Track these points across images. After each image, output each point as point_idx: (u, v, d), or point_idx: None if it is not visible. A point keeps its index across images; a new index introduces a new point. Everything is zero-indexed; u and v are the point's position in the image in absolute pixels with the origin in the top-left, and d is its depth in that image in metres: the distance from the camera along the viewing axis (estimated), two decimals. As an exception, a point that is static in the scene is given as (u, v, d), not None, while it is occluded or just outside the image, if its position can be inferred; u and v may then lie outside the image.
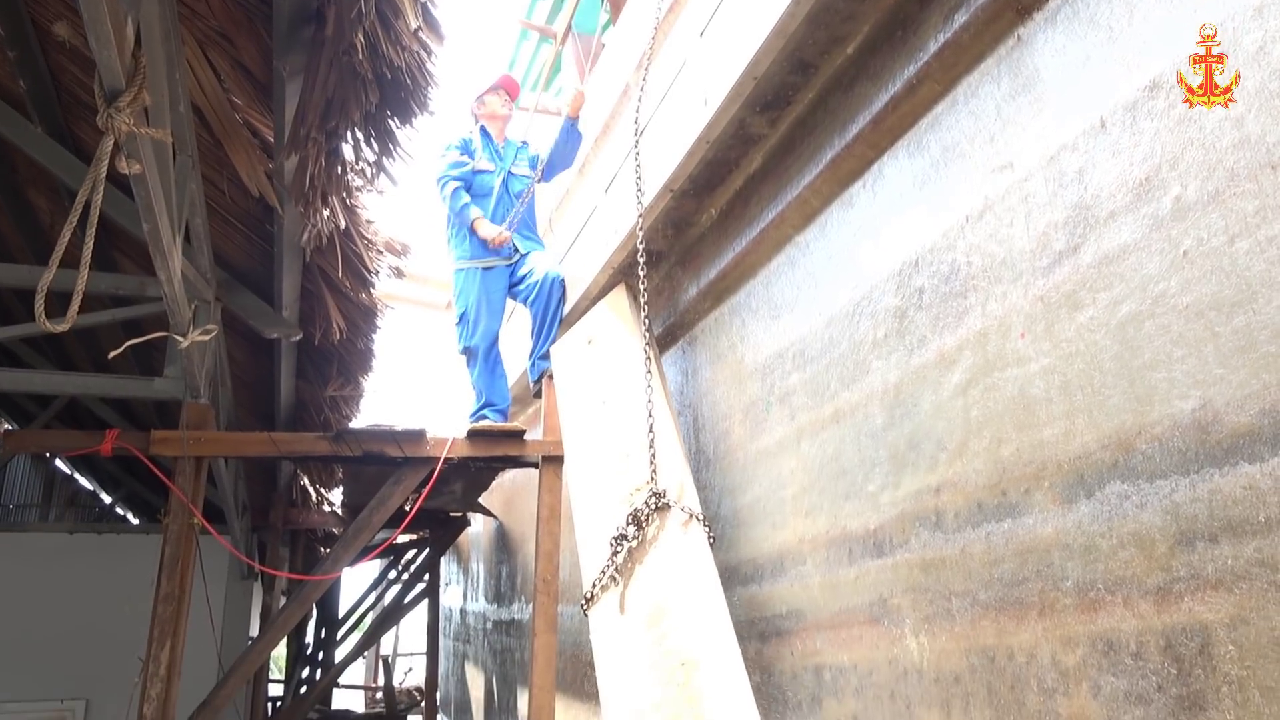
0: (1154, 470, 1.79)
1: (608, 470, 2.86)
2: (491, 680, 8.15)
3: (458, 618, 10.16)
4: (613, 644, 2.47)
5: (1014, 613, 2.12)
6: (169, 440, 4.11)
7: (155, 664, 3.88)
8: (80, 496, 11.90)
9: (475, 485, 6.08)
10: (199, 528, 4.18)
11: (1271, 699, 1.55)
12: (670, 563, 2.56)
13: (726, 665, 2.39)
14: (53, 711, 7.37)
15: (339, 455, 4.33)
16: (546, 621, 4.30)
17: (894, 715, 2.51)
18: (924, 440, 2.48)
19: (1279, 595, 1.55)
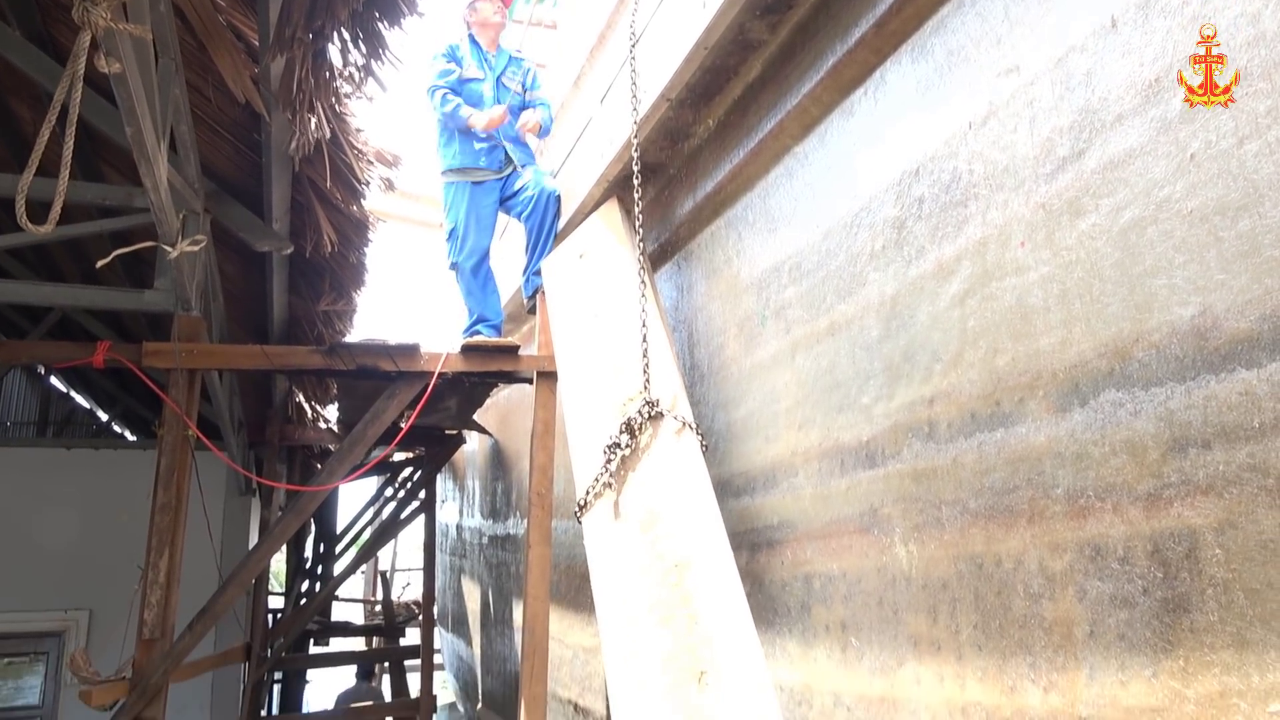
0: (1150, 378, 1.78)
1: (600, 382, 2.85)
2: (487, 593, 8.31)
3: (454, 533, 10.31)
4: (607, 548, 2.50)
5: (1003, 520, 2.14)
6: (161, 353, 4.09)
7: (154, 572, 3.93)
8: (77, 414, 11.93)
9: (470, 402, 6.09)
10: (194, 440, 4.19)
11: (1255, 600, 1.56)
12: (663, 469, 2.57)
13: (719, 567, 2.42)
14: (57, 621, 7.51)
15: (332, 369, 4.32)
16: (541, 534, 4.36)
17: (881, 621, 2.56)
18: (919, 351, 2.46)
19: (1269, 499, 1.55)
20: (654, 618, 2.33)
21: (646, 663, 2.29)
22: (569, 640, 5.45)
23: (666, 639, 2.30)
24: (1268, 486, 1.55)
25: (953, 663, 2.28)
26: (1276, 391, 1.55)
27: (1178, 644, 1.70)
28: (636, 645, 2.33)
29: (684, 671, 2.31)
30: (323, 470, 4.46)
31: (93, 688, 3.59)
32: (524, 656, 4.28)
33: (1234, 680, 1.60)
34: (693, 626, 2.34)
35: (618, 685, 2.29)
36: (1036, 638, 2.02)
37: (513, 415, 7.54)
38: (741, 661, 2.35)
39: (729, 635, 2.37)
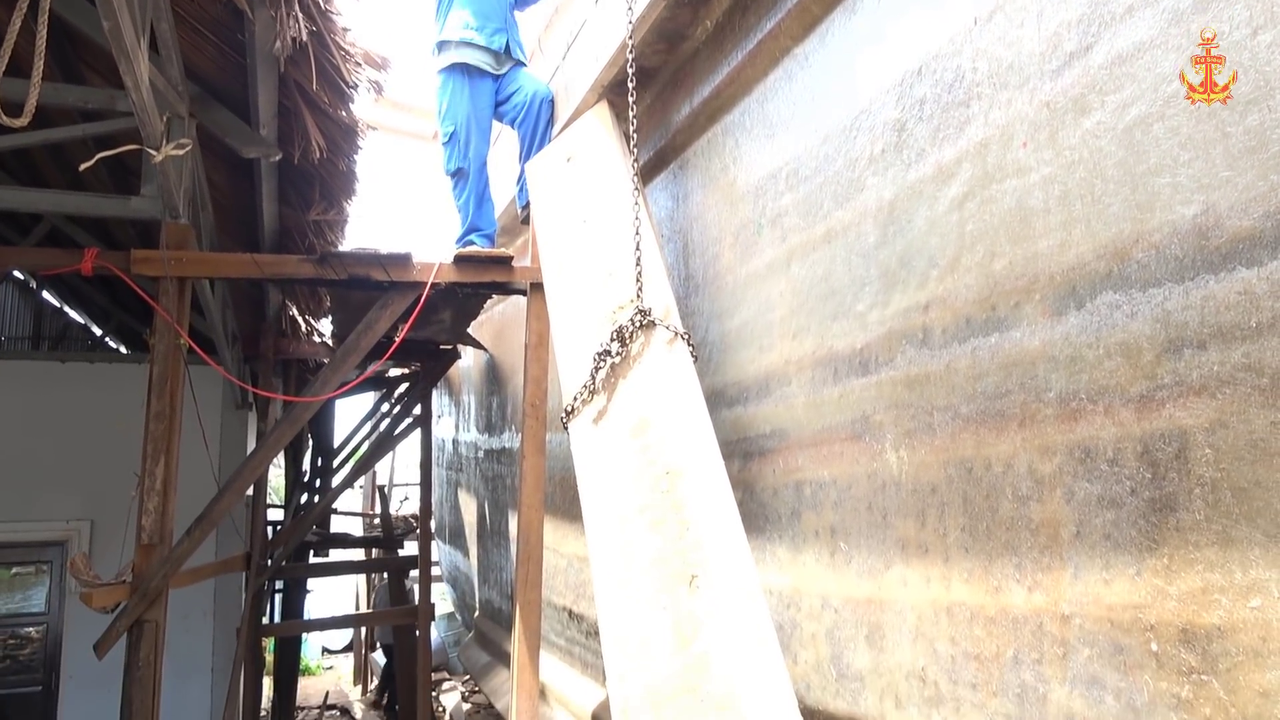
0: (1148, 279, 1.76)
1: (590, 289, 2.81)
2: (484, 506, 8.42)
3: (450, 448, 10.40)
4: (595, 454, 2.50)
5: (994, 425, 2.14)
6: (150, 260, 4.04)
7: (150, 479, 3.96)
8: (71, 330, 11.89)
9: (464, 314, 6.06)
10: (187, 350, 4.17)
11: (1242, 498, 1.57)
12: (654, 378, 2.56)
13: (710, 474, 2.43)
14: (60, 532, 7.61)
15: (324, 279, 4.28)
16: (535, 444, 4.38)
17: (870, 525, 2.58)
18: (916, 257, 2.43)
19: (1262, 399, 1.54)
20: (644, 521, 2.34)
21: (635, 565, 2.32)
22: (563, 550, 5.53)
23: (656, 542, 2.33)
24: (1261, 386, 1.54)
25: (939, 565, 2.31)
26: (1276, 290, 1.53)
27: (1163, 542, 1.71)
28: (625, 548, 2.35)
29: (674, 575, 2.34)
30: (316, 380, 4.46)
31: (93, 590, 3.65)
32: (519, 564, 4.35)
33: (1217, 577, 1.61)
34: (684, 532, 2.36)
35: (605, 586, 2.32)
36: (1023, 539, 2.04)
37: (507, 330, 7.53)
38: (733, 567, 2.37)
39: (721, 541, 2.39)
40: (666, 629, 2.22)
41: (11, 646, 7.77)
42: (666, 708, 2.14)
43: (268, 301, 7.30)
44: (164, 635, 4.04)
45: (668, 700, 2.14)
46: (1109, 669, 1.82)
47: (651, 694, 2.15)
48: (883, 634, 2.53)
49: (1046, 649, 1.98)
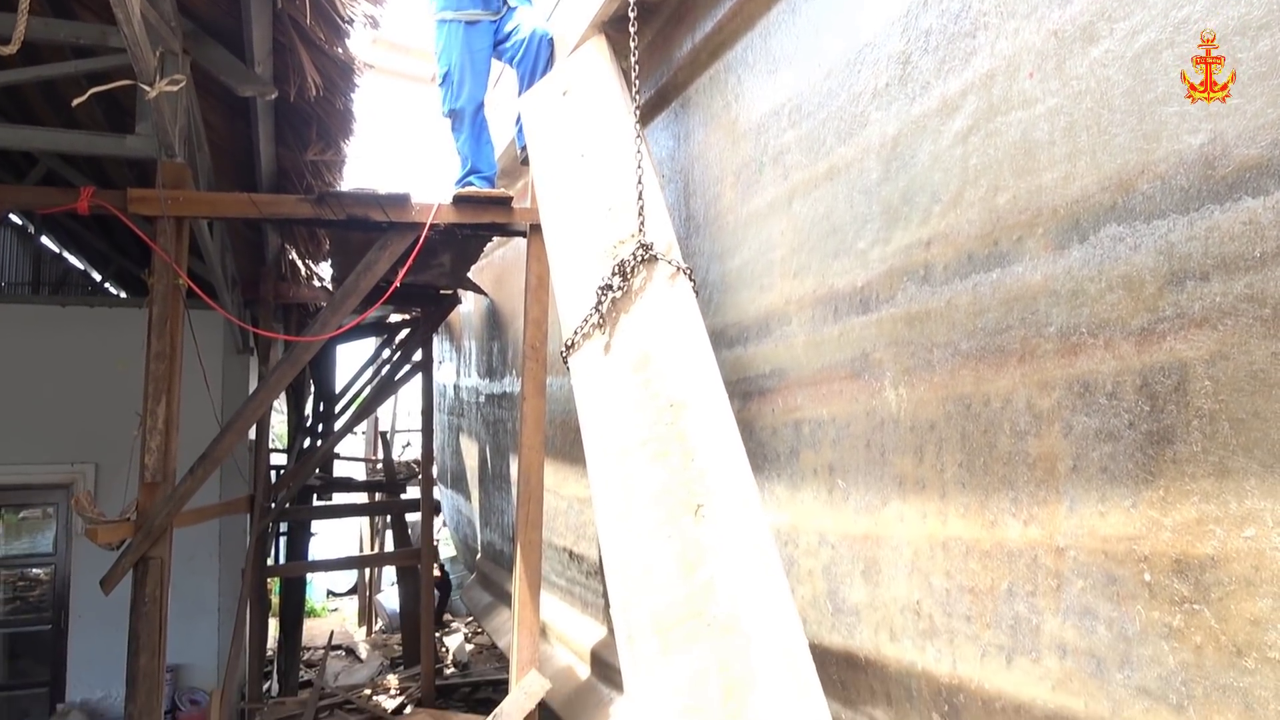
0: (1153, 210, 1.74)
1: (589, 224, 2.78)
2: (485, 450, 8.46)
3: (451, 393, 10.43)
4: (597, 388, 2.50)
5: (994, 361, 2.13)
6: (147, 199, 4.01)
7: (153, 418, 3.98)
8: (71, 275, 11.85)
9: (464, 257, 6.03)
10: (186, 291, 4.16)
11: (1239, 429, 1.57)
12: (656, 312, 2.54)
13: (714, 405, 2.43)
14: (65, 475, 7.66)
15: (322, 219, 4.25)
16: (535, 386, 4.39)
17: (868, 463, 2.59)
18: (919, 193, 2.40)
19: (1263, 329, 1.53)
20: (647, 453, 2.35)
21: (639, 496, 2.33)
22: (563, 492, 5.58)
23: (660, 474, 2.33)
24: (1263, 316, 1.53)
25: (936, 500, 2.32)
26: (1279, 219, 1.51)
27: (1159, 475, 1.72)
28: (628, 480, 2.36)
29: (679, 505, 2.35)
30: (316, 321, 4.45)
31: (98, 526, 3.68)
32: (520, 504, 4.39)
33: (1212, 508, 1.62)
34: (688, 463, 2.37)
35: (608, 517, 2.34)
36: (1020, 474, 2.05)
37: (508, 275, 7.49)
38: (738, 496, 2.39)
39: (725, 471, 2.40)
40: (671, 557, 2.24)
41: (21, 588, 7.89)
42: (672, 632, 2.17)
43: (267, 245, 7.26)
44: (169, 573, 4.09)
45: (673, 625, 2.17)
46: (1102, 600, 1.84)
47: (656, 619, 2.18)
48: (879, 569, 2.55)
49: (1041, 581, 1.99)
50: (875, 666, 2.58)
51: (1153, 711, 1.73)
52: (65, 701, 7.34)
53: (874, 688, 2.59)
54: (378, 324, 10.04)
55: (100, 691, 7.48)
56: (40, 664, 7.66)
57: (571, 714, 4.72)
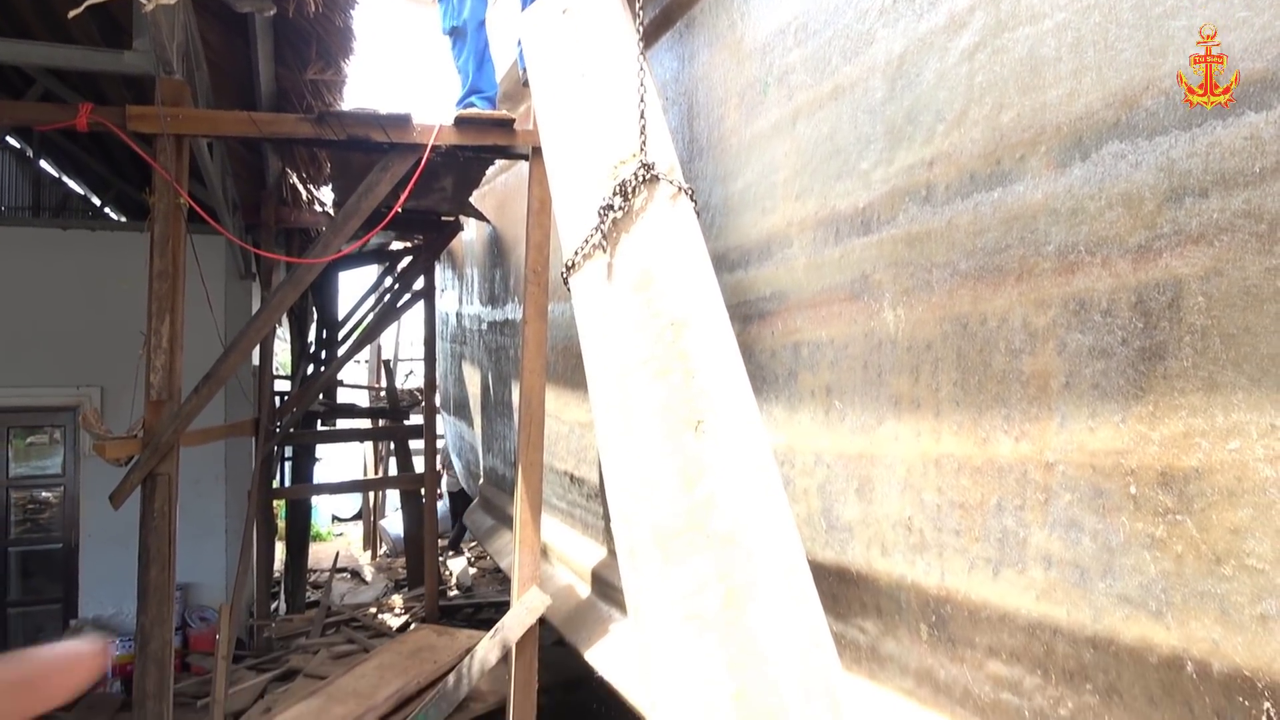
0: (1155, 127, 1.73)
1: (588, 144, 2.77)
2: (487, 377, 8.52)
3: (454, 321, 10.45)
4: (597, 308, 2.51)
5: (992, 280, 2.15)
6: (146, 116, 3.98)
7: (156, 337, 4.01)
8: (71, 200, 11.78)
9: (465, 182, 6.00)
10: (187, 210, 4.16)
11: (1230, 344, 1.59)
12: (658, 232, 2.55)
13: (714, 324, 2.45)
14: (70, 398, 7.74)
15: (322, 139, 4.22)
16: (537, 310, 4.41)
17: (864, 383, 2.63)
18: (923, 112, 2.39)
19: (1258, 244, 1.55)
20: (648, 371, 2.38)
21: (639, 414, 2.37)
22: (565, 417, 5.63)
23: (661, 391, 2.37)
24: (1259, 232, 1.54)
25: (930, 419, 2.36)
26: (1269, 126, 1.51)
27: (1149, 390, 1.75)
28: (629, 398, 2.39)
29: (680, 421, 2.38)
30: (318, 243, 4.45)
31: (106, 442, 3.74)
32: (521, 427, 4.45)
33: (1199, 421, 1.65)
34: (689, 380, 2.40)
35: (609, 435, 2.38)
36: (1013, 391, 2.08)
37: (510, 202, 7.45)
38: (738, 412, 2.42)
39: (726, 388, 2.43)
40: (672, 473, 2.28)
41: (31, 510, 8.03)
42: (672, 544, 2.22)
43: (267, 169, 7.22)
44: (177, 490, 4.17)
45: (673, 538, 2.23)
46: (1088, 512, 1.89)
47: (657, 533, 2.24)
48: (872, 487, 2.61)
49: (1029, 496, 2.04)
50: (866, 580, 2.65)
51: (1132, 618, 1.79)
52: (78, 618, 7.54)
53: (864, 601, 2.66)
54: (380, 251, 10.02)
55: (112, 608, 7.68)
56: (52, 582, 7.85)
57: (572, 630, 4.84)
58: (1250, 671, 1.56)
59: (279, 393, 9.75)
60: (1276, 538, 1.52)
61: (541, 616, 4.40)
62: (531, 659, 4.34)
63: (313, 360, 10.09)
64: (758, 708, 2.13)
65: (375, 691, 5.03)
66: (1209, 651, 1.63)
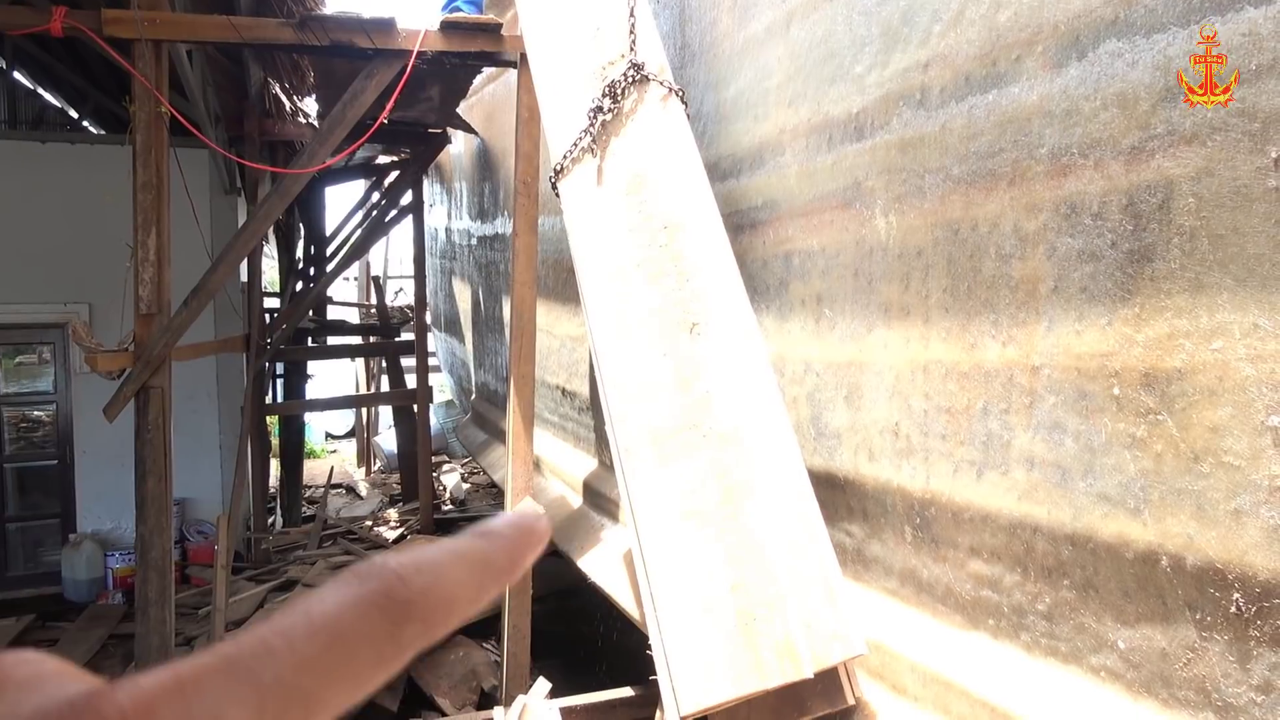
0: (1154, 24, 1.71)
1: (575, 46, 2.71)
2: (478, 293, 8.50)
3: (443, 236, 10.38)
4: (589, 211, 2.50)
5: (984, 185, 2.14)
6: (122, 20, 3.87)
7: (144, 250, 3.98)
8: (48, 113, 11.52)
9: (453, 90, 5.88)
10: (168, 118, 4.08)
11: (1218, 245, 1.60)
12: (649, 135, 2.52)
13: (709, 227, 2.45)
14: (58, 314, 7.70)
15: (304, 44, 4.12)
16: (527, 222, 4.38)
17: (855, 291, 2.64)
18: (919, 12, 2.34)
19: (1250, 144, 1.54)
20: (642, 275, 2.39)
21: (634, 316, 2.38)
22: (556, 331, 5.65)
23: (655, 294, 2.38)
24: (1251, 131, 1.54)
25: (919, 325, 2.38)
26: (1279, 30, 1.49)
27: (1136, 292, 1.76)
28: (623, 301, 2.40)
29: (675, 324, 2.40)
30: (303, 153, 4.38)
31: (97, 354, 3.75)
32: (512, 340, 4.46)
33: (1183, 322, 1.67)
34: (684, 283, 2.40)
35: (603, 337, 2.39)
36: (1002, 296, 2.10)
37: (498, 113, 7.32)
38: (733, 315, 2.44)
39: (721, 291, 2.44)
40: (667, 373, 2.31)
41: (25, 428, 8.06)
42: (669, 442, 2.26)
43: (249, 80, 7.06)
44: (170, 402, 4.20)
45: (670, 436, 2.26)
46: (1071, 414, 1.92)
47: (653, 431, 2.27)
48: (861, 394, 2.64)
49: (1014, 399, 2.07)
50: (854, 485, 2.71)
51: (1110, 516, 1.84)
52: (76, 532, 7.65)
53: (851, 505, 2.73)
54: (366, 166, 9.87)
55: (110, 523, 7.79)
56: (50, 498, 7.94)
57: (565, 539, 4.95)
58: (1222, 564, 1.62)
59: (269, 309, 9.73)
60: (1254, 435, 1.56)
61: (535, 526, 4.49)
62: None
63: (301, 277, 10.03)
64: (756, 597, 2.21)
65: (373, 599, 5.16)
66: (1183, 546, 1.69)
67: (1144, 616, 1.78)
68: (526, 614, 4.51)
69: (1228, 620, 1.61)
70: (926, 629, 2.39)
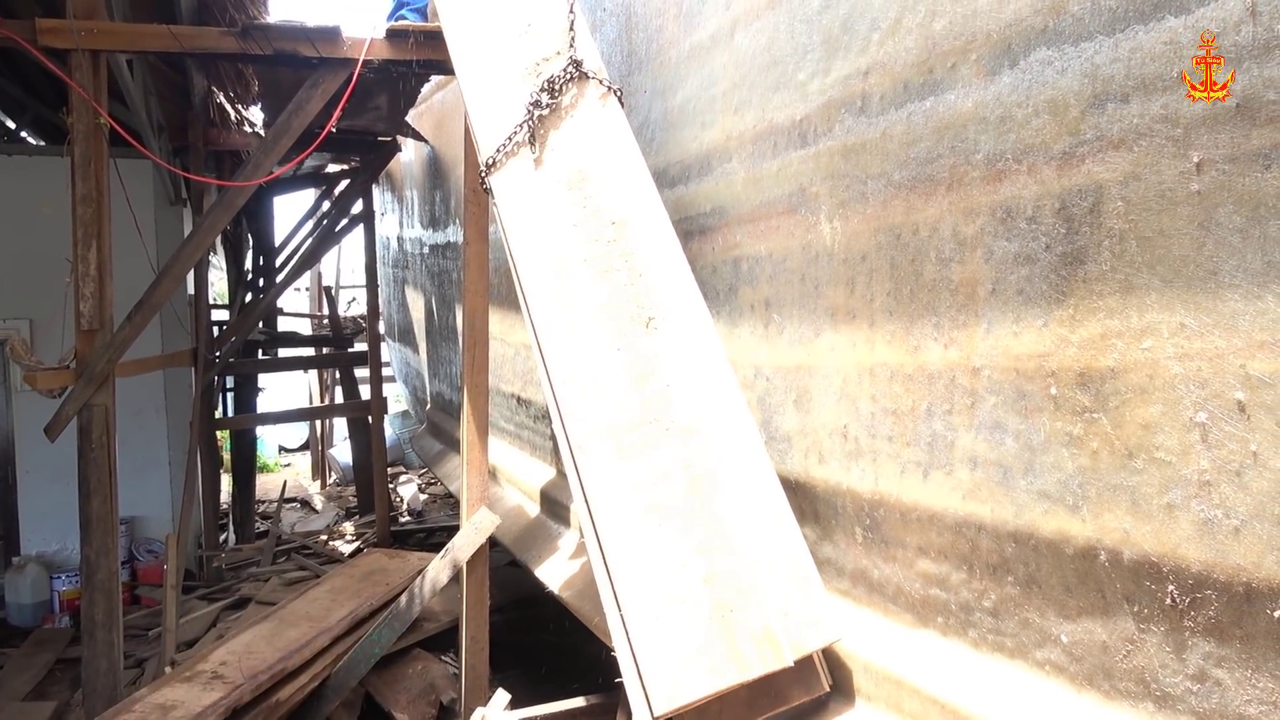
0: (1081, 32, 1.76)
1: (504, 41, 2.69)
2: (431, 302, 8.45)
3: (395, 246, 10.29)
4: (526, 206, 2.49)
5: (924, 190, 2.18)
6: (58, 30, 3.79)
7: (84, 264, 3.90)
8: (-18, 123, 11.22)
9: (401, 99, 5.85)
10: (108, 129, 4.00)
11: (1146, 247, 1.65)
12: (589, 131, 2.52)
13: (657, 223, 2.45)
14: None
15: (248, 54, 4.07)
16: (477, 230, 4.35)
17: (802, 296, 2.67)
18: (858, 20, 2.39)
19: (1174, 149, 1.59)
20: (589, 271, 2.38)
21: (582, 311, 2.37)
22: (510, 339, 5.64)
23: (604, 290, 2.37)
24: (1175, 136, 1.59)
25: (865, 329, 2.41)
26: (1198, 39, 1.54)
27: (1069, 294, 1.81)
28: (570, 297, 2.39)
29: (629, 319, 2.40)
30: (248, 164, 4.33)
31: (37, 372, 3.66)
32: (465, 349, 4.43)
33: (1115, 323, 1.72)
34: (636, 279, 2.40)
35: (551, 332, 2.37)
36: (943, 299, 2.14)
37: (448, 120, 7.29)
38: (688, 309, 2.44)
39: (674, 286, 2.45)
40: (622, 369, 2.30)
41: (-38, 448, 7.82)
42: (627, 438, 2.25)
43: (193, 88, 6.93)
44: (114, 420, 4.11)
45: (628, 431, 2.26)
46: (1011, 414, 1.97)
47: (609, 427, 2.27)
48: (810, 397, 2.67)
49: (957, 400, 2.12)
50: (805, 488, 2.74)
51: (1051, 513, 1.89)
52: (20, 555, 7.45)
53: (803, 508, 2.76)
54: (315, 174, 9.76)
55: (56, 544, 7.59)
56: (-9, 519, 7.71)
57: (522, 549, 4.93)
58: (1157, 557, 1.66)
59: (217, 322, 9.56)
60: (1183, 432, 1.61)
61: (492, 538, 4.46)
62: (482, 578, 4.41)
63: (250, 288, 9.87)
64: (731, 587, 2.20)
65: (328, 614, 5.09)
66: (1120, 541, 1.73)
67: (1085, 610, 1.82)
68: (484, 625, 4.49)
69: (1164, 612, 1.66)
70: (879, 629, 2.43)
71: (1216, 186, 1.53)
